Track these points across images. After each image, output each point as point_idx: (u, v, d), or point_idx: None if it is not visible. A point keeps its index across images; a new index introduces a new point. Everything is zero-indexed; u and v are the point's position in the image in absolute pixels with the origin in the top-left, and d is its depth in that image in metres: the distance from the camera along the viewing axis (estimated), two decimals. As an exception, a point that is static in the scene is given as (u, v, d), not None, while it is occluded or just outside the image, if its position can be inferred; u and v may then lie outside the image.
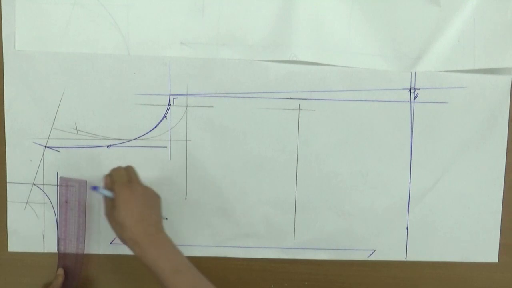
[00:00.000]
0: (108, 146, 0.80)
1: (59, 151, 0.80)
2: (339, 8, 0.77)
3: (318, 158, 0.81)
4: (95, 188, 0.70)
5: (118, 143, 0.80)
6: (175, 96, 0.79)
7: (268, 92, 0.79)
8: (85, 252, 0.81)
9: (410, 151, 0.81)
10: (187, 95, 0.79)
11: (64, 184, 0.80)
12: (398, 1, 0.77)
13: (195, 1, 0.77)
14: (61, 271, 0.80)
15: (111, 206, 0.69)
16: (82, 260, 0.81)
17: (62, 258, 0.81)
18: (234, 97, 0.79)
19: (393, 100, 0.80)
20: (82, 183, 0.79)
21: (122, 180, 0.71)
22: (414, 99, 0.80)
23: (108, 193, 0.70)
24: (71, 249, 0.81)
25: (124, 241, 0.67)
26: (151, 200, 0.71)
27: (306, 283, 0.84)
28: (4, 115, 0.79)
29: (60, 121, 0.79)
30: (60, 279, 0.79)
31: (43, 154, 0.80)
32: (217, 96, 0.79)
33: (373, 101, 0.80)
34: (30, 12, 0.77)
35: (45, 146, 0.80)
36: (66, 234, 0.80)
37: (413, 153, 0.81)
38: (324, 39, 0.78)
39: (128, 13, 0.77)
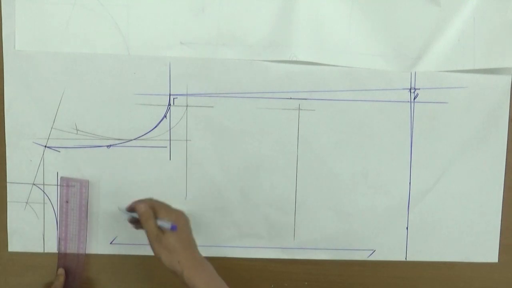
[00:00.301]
0: (108, 146, 0.80)
1: (59, 151, 0.80)
2: (339, 8, 0.77)
3: (318, 158, 0.81)
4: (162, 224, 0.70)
5: (118, 143, 0.80)
6: (175, 96, 0.79)
7: (268, 92, 0.79)
8: (86, 252, 0.81)
9: (410, 151, 0.81)
10: (187, 95, 0.79)
11: (65, 184, 0.80)
12: (398, 1, 0.77)
13: (195, 1, 0.77)
14: (61, 271, 0.80)
15: (157, 234, 0.69)
16: (84, 260, 0.81)
17: (62, 258, 0.81)
18: (234, 97, 0.79)
19: (393, 100, 0.80)
20: (83, 183, 0.79)
21: (164, 208, 0.71)
22: (414, 99, 0.80)
23: (167, 224, 0.69)
24: (72, 249, 0.81)
25: (172, 265, 0.68)
26: (190, 226, 0.73)
27: (306, 283, 0.84)
28: (4, 115, 0.79)
29: (60, 121, 0.79)
30: (62, 279, 0.80)
31: (43, 154, 0.80)
32: (217, 96, 0.79)
33: (373, 101, 0.80)
34: (30, 12, 0.77)
35: (45, 146, 0.80)
36: (67, 234, 0.80)
37: (413, 153, 0.81)
38: (324, 39, 0.78)
39: (128, 13, 0.77)
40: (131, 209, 0.73)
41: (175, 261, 0.68)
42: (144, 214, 0.70)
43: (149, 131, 0.80)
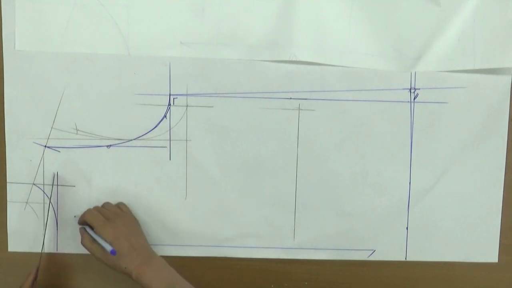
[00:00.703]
0: (108, 146, 0.80)
1: (59, 151, 0.80)
2: (339, 8, 0.78)
3: (318, 158, 0.81)
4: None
5: (118, 143, 0.80)
6: (175, 96, 0.79)
7: (268, 92, 0.79)
8: (86, 252, 0.81)
9: (410, 151, 0.81)
10: (187, 95, 0.79)
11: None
12: (398, 1, 0.77)
13: (195, 1, 0.77)
14: (32, 271, 0.78)
15: (99, 252, 0.73)
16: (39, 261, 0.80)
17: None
18: (234, 97, 0.79)
19: (393, 100, 0.80)
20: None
21: (99, 221, 0.74)
22: (414, 99, 0.80)
23: (108, 246, 0.72)
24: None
25: (121, 269, 0.72)
26: (132, 227, 0.76)
27: (306, 283, 0.84)
28: (4, 115, 0.79)
29: (60, 121, 0.79)
30: (30, 278, 0.77)
31: (43, 154, 0.80)
32: (217, 96, 0.79)
33: (373, 101, 0.80)
34: (30, 12, 0.77)
35: (45, 146, 0.80)
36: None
37: (413, 153, 0.81)
38: (324, 39, 0.78)
39: (128, 13, 0.77)
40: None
41: (123, 267, 0.71)
42: (82, 237, 0.74)
43: (149, 131, 0.80)
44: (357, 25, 0.78)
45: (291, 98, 0.80)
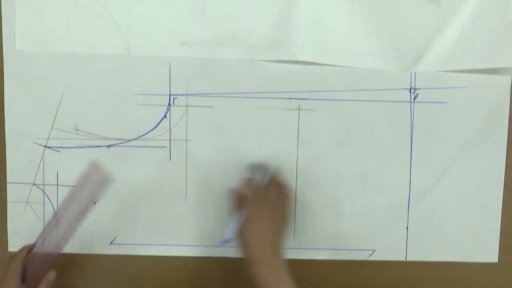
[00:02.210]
0: (108, 146, 0.80)
1: (59, 151, 0.80)
2: (339, 8, 0.77)
3: (318, 158, 0.81)
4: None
5: (118, 143, 0.80)
6: (175, 96, 0.79)
7: (268, 92, 0.79)
8: (86, 252, 0.81)
9: (410, 151, 0.81)
10: (187, 95, 0.79)
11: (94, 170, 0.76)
12: (398, 1, 0.77)
13: (195, 2, 0.77)
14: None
15: (240, 225, 0.71)
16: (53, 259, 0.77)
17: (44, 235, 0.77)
18: (234, 97, 0.79)
19: (393, 100, 0.80)
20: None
21: (258, 200, 0.72)
22: (414, 99, 0.80)
23: (232, 229, 0.71)
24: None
25: (245, 260, 0.70)
26: (277, 222, 0.73)
27: (306, 283, 0.84)
28: (4, 115, 0.79)
29: (60, 121, 0.79)
30: (24, 252, 0.74)
31: (43, 154, 0.80)
32: (217, 96, 0.79)
33: (373, 101, 0.80)
34: (30, 12, 0.77)
35: (45, 146, 0.80)
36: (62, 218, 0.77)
37: (413, 153, 0.81)
38: (324, 39, 0.78)
39: (128, 13, 0.77)
40: None
41: (248, 257, 0.69)
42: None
43: (149, 131, 0.80)
44: (357, 25, 0.78)
45: (291, 98, 0.80)
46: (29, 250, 0.75)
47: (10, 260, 0.74)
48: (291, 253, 0.83)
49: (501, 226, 0.83)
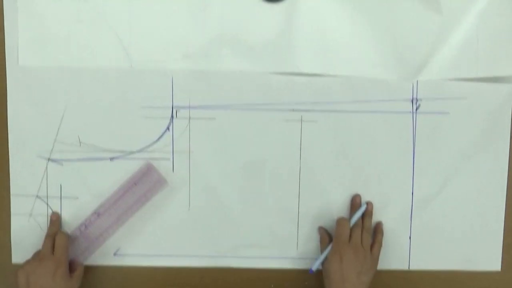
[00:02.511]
0: (111, 159, 0.80)
1: (62, 164, 0.80)
2: (341, 18, 0.78)
3: (320, 168, 0.81)
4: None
5: (121, 156, 0.80)
6: (177, 109, 0.79)
7: (270, 104, 0.80)
8: (89, 263, 0.82)
9: (413, 160, 0.81)
10: (189, 107, 0.79)
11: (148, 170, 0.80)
12: (400, 11, 0.77)
13: (196, 15, 0.77)
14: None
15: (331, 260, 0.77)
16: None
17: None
18: (237, 109, 0.79)
19: (395, 110, 0.80)
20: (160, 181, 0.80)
21: (345, 239, 0.77)
22: (416, 109, 0.80)
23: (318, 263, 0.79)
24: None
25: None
26: (366, 269, 0.77)
27: (306, 282, 0.84)
28: (7, 129, 0.79)
29: (63, 134, 0.79)
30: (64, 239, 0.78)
31: (46, 167, 0.80)
32: (220, 108, 0.80)
33: (375, 112, 0.80)
34: (32, 28, 0.77)
35: (49, 159, 0.80)
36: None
37: (415, 162, 0.81)
38: (326, 50, 0.78)
39: (130, 27, 0.77)
40: None
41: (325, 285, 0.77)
42: None
43: (152, 144, 0.80)
44: (359, 34, 0.78)
45: (293, 110, 0.80)
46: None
47: (59, 236, 0.77)
48: (295, 263, 0.83)
49: (503, 235, 0.84)
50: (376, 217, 0.82)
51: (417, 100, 0.80)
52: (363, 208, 0.80)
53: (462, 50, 0.78)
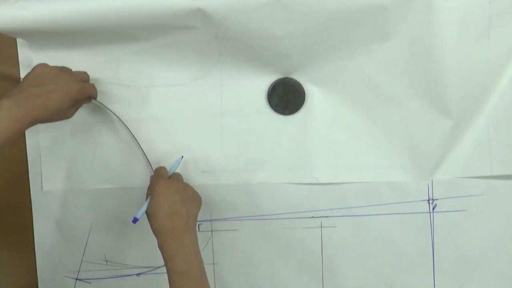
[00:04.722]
0: (138, 275, 0.82)
1: (90, 283, 0.82)
2: (355, 127, 0.79)
3: (343, 273, 0.82)
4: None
5: (148, 271, 0.82)
6: (200, 222, 0.81)
7: (289, 213, 0.81)
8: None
9: (432, 259, 0.82)
10: (211, 220, 0.81)
11: None
12: (411, 116, 0.78)
13: (213, 133, 0.79)
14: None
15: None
16: None
17: None
18: (257, 219, 0.81)
19: (412, 211, 0.82)
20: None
21: (162, 175, 0.73)
22: (433, 209, 0.82)
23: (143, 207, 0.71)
24: None
25: (153, 231, 0.69)
26: (188, 198, 0.72)
27: None
28: (35, 251, 0.81)
29: (89, 253, 0.81)
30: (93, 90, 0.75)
31: (74, 286, 0.82)
32: (241, 220, 0.81)
33: (393, 214, 0.82)
34: (55, 154, 0.79)
35: (76, 279, 0.82)
36: None
37: (435, 261, 0.82)
38: (342, 159, 0.80)
39: (150, 147, 0.79)
40: None
41: (154, 227, 0.69)
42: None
43: (177, 258, 0.81)
44: (373, 141, 0.80)
45: (312, 217, 0.81)
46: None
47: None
48: None
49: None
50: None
51: (433, 200, 0.81)
52: (179, 160, 0.78)
53: (475, 150, 0.80)
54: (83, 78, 0.75)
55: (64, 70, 0.72)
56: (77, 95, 0.70)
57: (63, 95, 0.68)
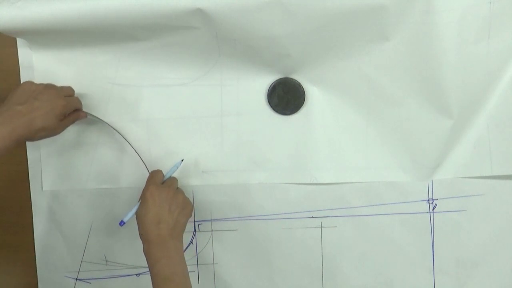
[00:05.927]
0: (138, 275, 0.82)
1: (90, 283, 0.82)
2: (355, 127, 0.80)
3: (343, 272, 0.82)
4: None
5: (147, 271, 0.81)
6: (200, 222, 0.81)
7: (289, 213, 0.81)
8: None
9: (432, 259, 0.82)
10: (211, 220, 0.81)
11: None
12: (411, 117, 0.78)
13: (213, 133, 0.79)
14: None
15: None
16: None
17: None
18: (257, 219, 0.81)
19: (412, 212, 0.82)
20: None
21: (155, 180, 0.73)
22: (433, 209, 0.82)
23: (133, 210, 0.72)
24: None
25: (139, 236, 0.71)
26: (177, 206, 0.72)
27: None
28: (34, 251, 0.81)
29: (89, 254, 0.81)
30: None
31: (74, 286, 0.82)
32: (240, 220, 0.81)
33: (393, 214, 0.82)
34: (55, 155, 0.79)
35: (76, 279, 0.82)
36: None
37: (435, 261, 0.82)
38: (342, 159, 0.80)
39: (150, 148, 0.79)
40: None
41: (140, 233, 0.70)
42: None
43: (177, 258, 0.81)
44: (373, 141, 0.80)
45: (312, 217, 0.81)
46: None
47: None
48: None
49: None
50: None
51: (433, 200, 0.81)
52: (178, 164, 0.77)
53: (475, 150, 0.80)
54: (68, 93, 0.75)
55: (49, 87, 0.72)
56: (62, 111, 0.70)
57: (48, 111, 0.68)
